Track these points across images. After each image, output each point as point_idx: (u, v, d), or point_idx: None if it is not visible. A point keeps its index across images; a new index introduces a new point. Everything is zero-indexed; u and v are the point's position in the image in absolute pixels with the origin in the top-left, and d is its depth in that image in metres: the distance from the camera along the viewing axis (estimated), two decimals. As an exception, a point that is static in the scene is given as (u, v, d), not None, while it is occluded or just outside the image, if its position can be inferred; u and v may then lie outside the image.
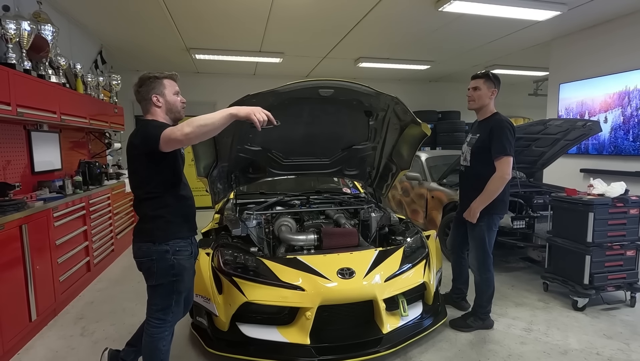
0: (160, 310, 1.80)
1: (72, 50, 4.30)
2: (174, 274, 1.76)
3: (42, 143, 3.47)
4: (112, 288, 3.54)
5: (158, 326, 1.80)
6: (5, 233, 2.32)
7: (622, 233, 2.94)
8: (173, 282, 1.77)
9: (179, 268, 1.76)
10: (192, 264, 1.90)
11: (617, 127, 4.61)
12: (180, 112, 1.86)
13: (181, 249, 1.78)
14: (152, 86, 1.79)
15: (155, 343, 1.80)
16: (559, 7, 4.07)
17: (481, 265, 2.61)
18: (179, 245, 1.77)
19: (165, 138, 1.57)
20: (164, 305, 1.80)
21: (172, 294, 1.79)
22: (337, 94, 2.42)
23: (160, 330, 1.80)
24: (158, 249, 1.73)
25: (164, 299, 1.79)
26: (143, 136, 1.68)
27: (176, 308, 1.82)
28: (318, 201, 3.43)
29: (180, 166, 1.82)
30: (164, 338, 1.81)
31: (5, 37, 2.72)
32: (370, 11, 4.25)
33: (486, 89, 2.57)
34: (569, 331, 2.66)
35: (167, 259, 1.73)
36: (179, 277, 1.77)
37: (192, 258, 1.89)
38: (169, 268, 1.74)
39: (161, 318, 1.80)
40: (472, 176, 2.63)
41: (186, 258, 1.80)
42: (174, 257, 1.74)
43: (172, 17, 4.40)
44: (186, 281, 1.83)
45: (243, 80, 7.70)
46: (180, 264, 1.77)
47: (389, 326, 2.24)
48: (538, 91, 8.60)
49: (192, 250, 1.87)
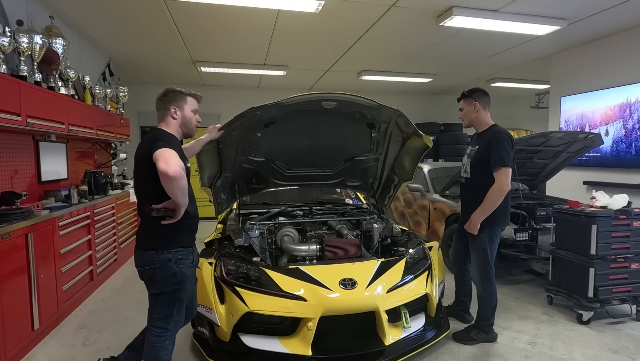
0: (161, 319, 1.81)
1: (81, 63, 4.41)
2: (176, 282, 1.77)
3: (49, 153, 3.53)
4: (115, 297, 3.54)
5: (159, 335, 1.81)
6: (12, 242, 2.35)
7: (626, 246, 2.92)
8: (175, 290, 1.78)
9: (181, 276, 1.78)
10: (194, 272, 1.92)
11: (618, 140, 4.63)
12: (192, 130, 1.94)
13: (183, 258, 1.80)
14: (175, 99, 1.88)
15: (157, 353, 1.80)
16: (558, 22, 4.14)
17: (483, 277, 2.60)
18: (181, 253, 1.80)
19: (157, 157, 1.62)
20: (165, 313, 1.81)
21: (174, 303, 1.80)
22: (340, 106, 2.46)
23: (162, 338, 1.80)
24: (161, 257, 1.75)
25: (165, 308, 1.80)
26: (149, 143, 1.74)
27: (178, 316, 1.83)
28: (321, 212, 3.45)
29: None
30: (165, 347, 1.81)
31: (18, 50, 2.81)
32: (373, 26, 4.34)
33: (467, 105, 2.69)
34: (574, 345, 2.62)
35: (170, 267, 1.75)
36: (181, 285, 1.79)
37: (194, 266, 1.91)
38: (172, 277, 1.76)
39: (162, 327, 1.81)
40: (473, 188, 2.64)
41: (188, 266, 1.83)
42: (176, 265, 1.76)
43: (179, 31, 4.51)
44: (188, 289, 1.84)
45: (247, 92, 7.81)
46: (182, 272, 1.79)
47: (391, 338, 2.23)
48: (540, 103, 8.65)
49: (193, 258, 1.89)
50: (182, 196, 1.65)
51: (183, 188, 1.64)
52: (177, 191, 1.62)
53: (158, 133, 1.84)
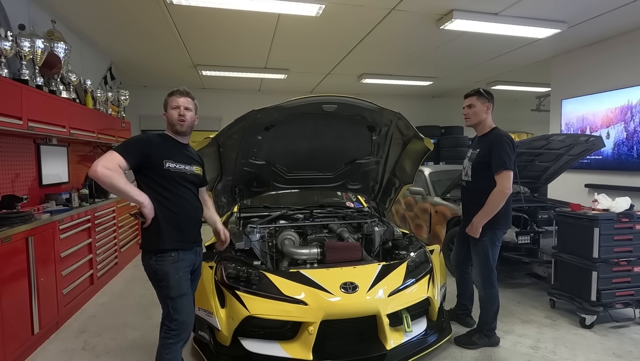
0: (165, 317, 1.87)
1: (82, 67, 4.43)
2: (158, 280, 1.83)
3: (50, 156, 3.53)
4: (115, 301, 3.53)
5: (165, 332, 1.86)
6: (12, 245, 2.34)
7: (629, 249, 2.91)
8: (161, 287, 1.84)
9: (162, 273, 1.82)
10: (178, 269, 1.86)
11: (620, 143, 4.61)
12: (175, 125, 1.93)
13: (163, 254, 1.83)
14: (164, 104, 1.99)
15: (160, 350, 1.86)
16: (558, 25, 4.15)
17: (485, 281, 2.59)
18: (160, 251, 1.84)
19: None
20: (164, 311, 1.87)
21: (165, 300, 1.85)
22: (341, 109, 2.46)
23: (167, 335, 1.85)
24: (145, 255, 1.86)
25: (163, 305, 1.87)
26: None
27: (177, 315, 1.84)
28: (321, 215, 3.44)
29: (168, 182, 1.85)
30: (168, 345, 1.84)
31: (20, 55, 2.82)
32: (373, 30, 4.35)
33: (480, 104, 2.61)
34: (577, 349, 2.60)
35: (151, 265, 1.83)
36: (165, 282, 1.82)
37: (179, 263, 1.86)
38: (153, 274, 1.84)
39: (166, 325, 1.86)
40: (474, 191, 2.63)
41: (169, 263, 1.82)
42: (156, 263, 1.82)
43: (180, 35, 4.53)
44: (173, 286, 1.82)
45: (248, 96, 7.83)
46: (162, 269, 1.81)
47: (392, 343, 2.21)
48: (540, 106, 8.65)
49: (179, 256, 1.86)
50: (118, 193, 1.73)
51: (112, 187, 1.67)
52: (107, 189, 1.72)
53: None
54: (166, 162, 1.83)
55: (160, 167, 1.82)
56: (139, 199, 1.74)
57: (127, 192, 1.71)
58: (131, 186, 1.74)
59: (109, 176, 1.65)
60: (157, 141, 1.88)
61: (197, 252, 2.00)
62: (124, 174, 1.73)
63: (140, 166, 1.81)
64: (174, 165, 1.86)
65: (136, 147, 1.81)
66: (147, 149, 1.81)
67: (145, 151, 1.80)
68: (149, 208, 1.77)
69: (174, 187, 1.87)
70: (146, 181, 1.84)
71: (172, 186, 1.86)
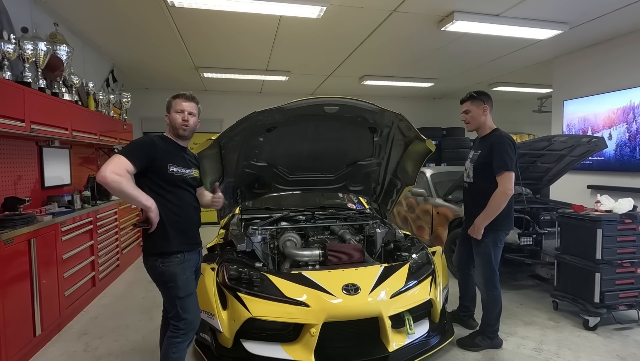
0: (172, 317, 1.87)
1: (85, 69, 4.45)
2: (166, 281, 1.83)
3: (52, 159, 3.54)
4: (117, 303, 3.53)
5: (172, 331, 1.87)
6: (14, 247, 2.35)
7: (632, 250, 2.89)
8: (169, 288, 1.84)
9: (169, 274, 1.82)
10: (185, 269, 1.89)
11: (622, 143, 4.60)
12: (178, 129, 1.94)
13: (169, 256, 1.83)
14: (167, 105, 1.99)
15: (166, 348, 1.86)
16: (560, 26, 4.14)
17: (487, 282, 2.58)
18: (166, 253, 1.84)
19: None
20: (172, 311, 1.87)
21: (174, 301, 1.85)
22: (342, 111, 2.46)
23: (175, 334, 1.86)
24: (150, 258, 1.85)
25: (170, 306, 1.87)
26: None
27: (185, 314, 1.85)
28: (323, 217, 3.43)
29: (171, 185, 1.87)
30: (174, 345, 1.85)
31: (23, 57, 2.83)
32: (374, 31, 4.36)
33: (476, 108, 2.63)
34: (580, 351, 2.59)
35: (157, 267, 1.83)
36: (173, 283, 1.83)
37: (186, 263, 1.89)
38: (160, 276, 1.84)
39: (174, 324, 1.87)
40: (476, 192, 2.62)
41: (176, 264, 1.84)
42: (162, 265, 1.82)
43: (182, 37, 4.54)
44: (181, 286, 1.85)
45: (250, 97, 7.84)
46: (170, 270, 1.82)
47: (394, 345, 2.20)
48: (542, 107, 8.63)
49: (185, 257, 1.88)
50: (126, 199, 1.74)
51: (121, 192, 1.68)
52: (115, 194, 1.73)
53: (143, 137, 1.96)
54: (170, 166, 1.85)
55: (164, 171, 1.83)
56: (147, 204, 1.74)
57: (135, 197, 1.72)
58: (139, 191, 1.75)
59: (118, 182, 1.65)
60: (160, 144, 1.88)
61: (199, 252, 2.04)
62: (132, 178, 1.73)
63: (144, 169, 1.81)
64: (177, 169, 1.87)
65: (142, 151, 1.81)
66: (152, 152, 1.82)
67: (151, 155, 1.81)
68: (156, 212, 1.77)
69: (177, 190, 1.88)
70: (149, 184, 1.83)
71: (175, 189, 1.87)
